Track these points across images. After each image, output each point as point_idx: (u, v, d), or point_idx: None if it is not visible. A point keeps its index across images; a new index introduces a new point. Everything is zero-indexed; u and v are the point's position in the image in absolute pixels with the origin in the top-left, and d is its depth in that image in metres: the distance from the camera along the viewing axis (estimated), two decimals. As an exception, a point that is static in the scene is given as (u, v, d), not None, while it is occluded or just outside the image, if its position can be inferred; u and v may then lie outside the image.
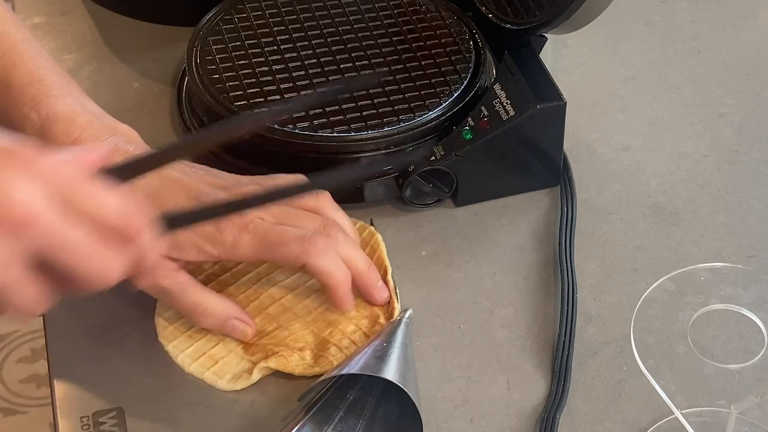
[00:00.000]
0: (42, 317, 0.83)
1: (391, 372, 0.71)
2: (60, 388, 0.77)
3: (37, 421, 1.76)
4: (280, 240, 0.76)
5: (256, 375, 0.77)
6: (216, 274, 0.82)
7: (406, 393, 0.70)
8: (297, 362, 0.77)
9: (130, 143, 0.77)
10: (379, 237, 0.84)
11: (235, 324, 0.78)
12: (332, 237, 0.78)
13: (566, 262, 0.85)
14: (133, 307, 0.81)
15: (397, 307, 0.80)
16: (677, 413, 0.70)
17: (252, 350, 0.78)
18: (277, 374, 0.77)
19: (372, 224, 0.86)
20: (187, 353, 0.78)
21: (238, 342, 0.79)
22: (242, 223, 0.76)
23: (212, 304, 0.78)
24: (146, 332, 0.80)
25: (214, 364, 0.78)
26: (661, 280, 0.80)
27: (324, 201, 0.81)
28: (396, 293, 0.81)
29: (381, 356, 0.73)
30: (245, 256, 0.77)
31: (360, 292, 0.80)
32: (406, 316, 0.79)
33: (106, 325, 0.81)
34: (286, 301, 0.81)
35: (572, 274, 0.84)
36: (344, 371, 0.72)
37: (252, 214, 0.76)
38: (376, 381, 0.73)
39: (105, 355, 0.79)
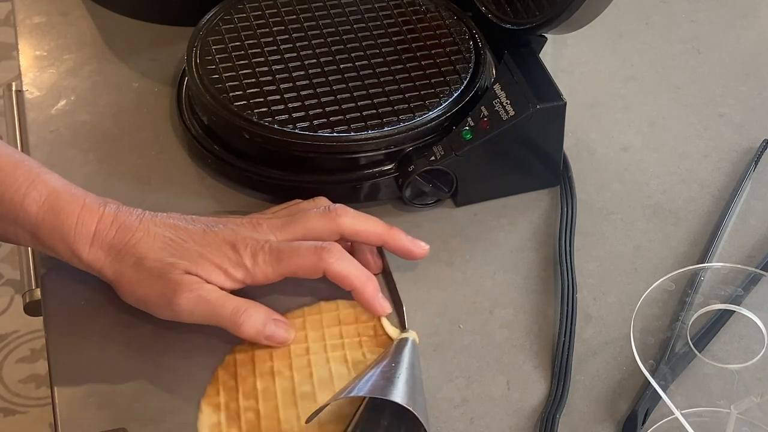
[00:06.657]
0: (42, 317, 0.83)
1: (399, 395, 0.71)
2: (62, 407, 0.76)
3: (37, 421, 1.76)
4: (294, 252, 0.79)
5: None
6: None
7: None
8: None
9: (124, 205, 0.81)
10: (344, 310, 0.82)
11: (273, 328, 0.78)
12: (340, 215, 0.81)
13: (566, 262, 0.85)
14: (136, 321, 0.80)
15: (394, 331, 0.80)
16: (677, 413, 0.70)
17: None
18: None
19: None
20: None
21: None
22: (257, 245, 0.79)
23: (251, 304, 0.78)
24: (152, 348, 0.79)
25: None
26: (661, 280, 0.80)
27: (320, 199, 0.85)
28: (390, 317, 0.80)
29: (389, 377, 0.72)
30: (266, 274, 0.79)
31: (393, 249, 0.83)
32: (412, 335, 0.78)
33: (108, 335, 0.80)
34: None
35: (572, 274, 0.84)
36: (352, 393, 0.72)
37: (263, 234, 0.80)
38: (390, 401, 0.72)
39: (108, 375, 0.78)
